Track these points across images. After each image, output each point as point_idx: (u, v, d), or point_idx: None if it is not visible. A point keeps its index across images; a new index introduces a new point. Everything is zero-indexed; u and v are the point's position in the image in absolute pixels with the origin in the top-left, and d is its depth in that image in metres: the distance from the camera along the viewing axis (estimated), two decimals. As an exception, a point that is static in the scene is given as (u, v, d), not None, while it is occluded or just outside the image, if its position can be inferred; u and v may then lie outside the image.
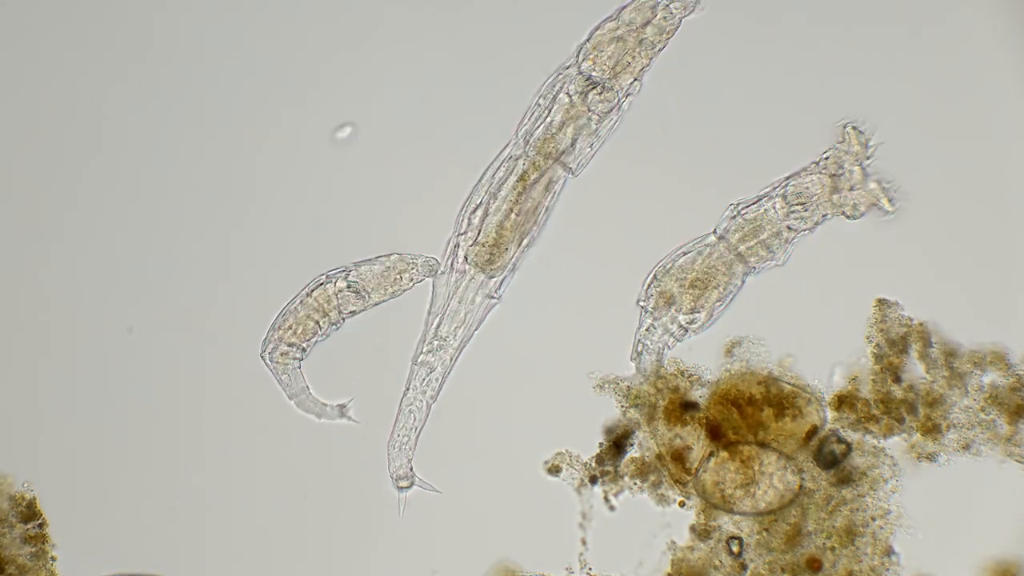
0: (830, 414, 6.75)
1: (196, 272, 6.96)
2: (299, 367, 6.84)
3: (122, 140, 6.98)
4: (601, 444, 6.84)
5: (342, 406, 6.88)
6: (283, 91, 6.94)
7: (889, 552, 6.73)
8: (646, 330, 6.75)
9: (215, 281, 6.96)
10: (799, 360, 6.77)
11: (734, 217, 6.74)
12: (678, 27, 6.69)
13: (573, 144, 6.68)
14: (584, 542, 6.82)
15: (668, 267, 6.76)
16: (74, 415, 6.94)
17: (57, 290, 6.96)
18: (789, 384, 6.74)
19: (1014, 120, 6.73)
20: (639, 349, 6.78)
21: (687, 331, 6.77)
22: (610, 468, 6.83)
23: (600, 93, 6.58)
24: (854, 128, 6.67)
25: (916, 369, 6.76)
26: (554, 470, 6.85)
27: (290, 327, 6.75)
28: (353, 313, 6.81)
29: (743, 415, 6.71)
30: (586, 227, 6.89)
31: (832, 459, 6.73)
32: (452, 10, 6.93)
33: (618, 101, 6.68)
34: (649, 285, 6.77)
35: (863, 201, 6.66)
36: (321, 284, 6.82)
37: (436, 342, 6.76)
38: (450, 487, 6.90)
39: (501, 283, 6.81)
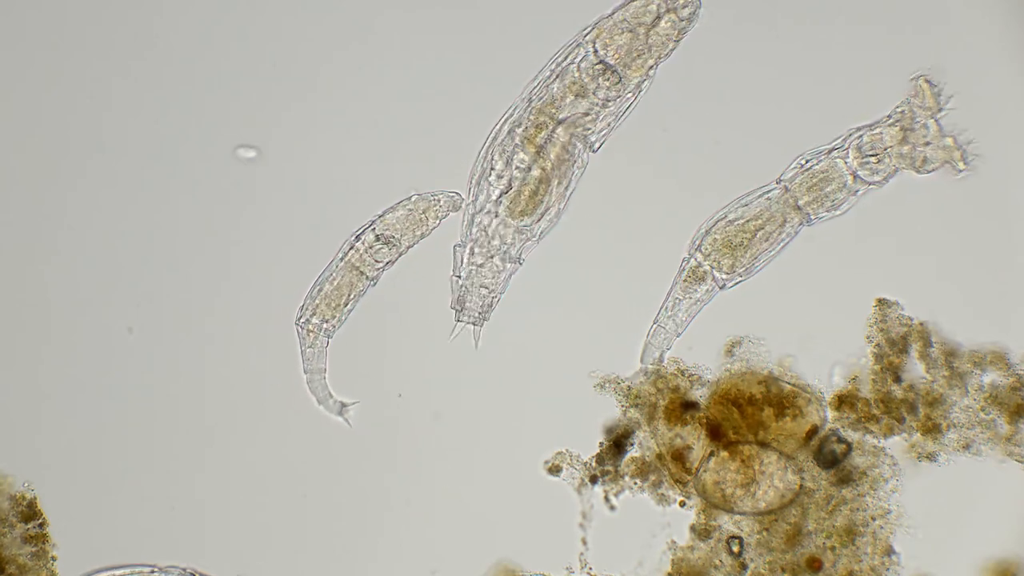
0: (830, 414, 6.76)
1: (196, 272, 6.96)
2: (327, 344, 6.85)
3: (122, 140, 6.98)
4: (601, 444, 6.84)
5: (344, 405, 6.89)
6: (281, 91, 6.95)
7: (889, 552, 6.73)
8: (672, 304, 6.75)
9: (215, 281, 6.96)
10: (799, 360, 6.77)
11: (802, 169, 6.68)
12: (685, 31, 6.68)
13: (572, 116, 6.66)
14: (584, 542, 6.82)
15: (724, 216, 6.72)
16: (74, 415, 6.94)
17: (57, 290, 6.96)
18: (789, 384, 6.74)
19: (1014, 119, 6.72)
20: (649, 335, 6.78)
21: (728, 281, 6.74)
22: (610, 468, 6.83)
23: (609, 79, 6.57)
24: (927, 82, 6.59)
25: (916, 369, 6.76)
26: (554, 470, 6.85)
27: (327, 295, 6.76)
28: (390, 263, 6.83)
29: (743, 415, 6.71)
30: (586, 227, 6.89)
31: (832, 459, 6.73)
32: (453, 7, 6.94)
33: (624, 91, 6.67)
34: (701, 238, 6.74)
35: (936, 157, 6.58)
36: (352, 246, 6.83)
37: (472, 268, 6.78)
38: (450, 487, 6.90)
39: (522, 249, 6.79)
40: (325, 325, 6.83)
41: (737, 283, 6.78)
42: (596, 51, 6.67)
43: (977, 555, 6.72)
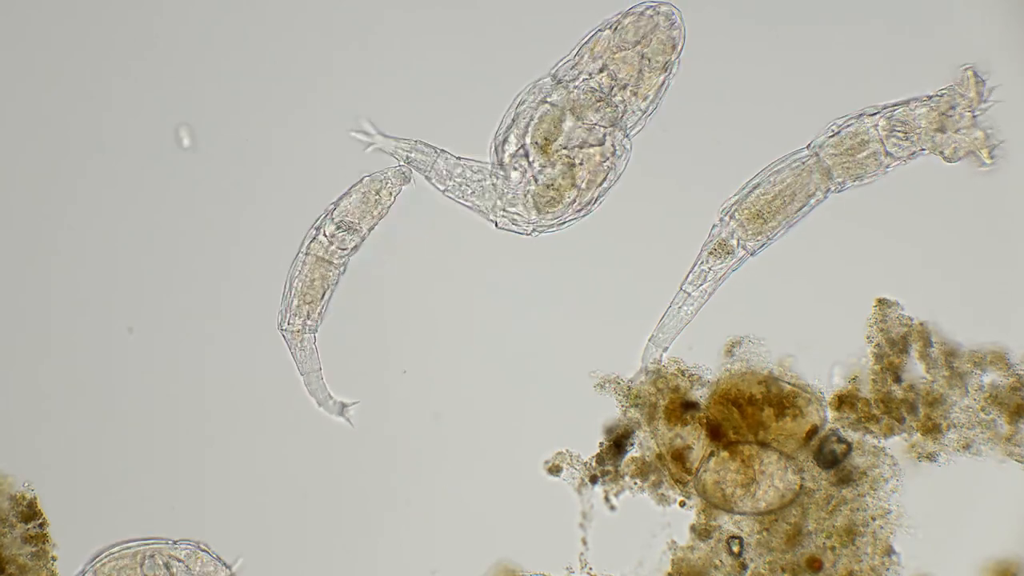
0: (830, 414, 6.76)
1: (196, 272, 6.96)
2: (314, 340, 6.83)
3: (122, 140, 6.98)
4: (601, 444, 6.84)
5: (344, 405, 6.88)
6: (281, 91, 6.95)
7: (889, 552, 6.73)
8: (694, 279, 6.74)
9: (215, 281, 6.96)
10: (799, 360, 6.77)
11: (834, 134, 6.66)
12: (675, 47, 6.68)
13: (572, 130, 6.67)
14: (584, 542, 6.82)
15: (755, 185, 6.68)
16: (74, 415, 6.93)
17: (57, 290, 6.96)
18: (789, 384, 6.75)
19: (1014, 118, 6.72)
20: (673, 305, 6.76)
21: (758, 247, 6.72)
22: (610, 468, 6.83)
23: (606, 107, 6.58)
24: (974, 74, 6.59)
25: (916, 369, 6.76)
26: (554, 470, 6.85)
27: (301, 292, 6.75)
28: (355, 249, 6.81)
29: (743, 415, 6.71)
30: (586, 227, 6.89)
31: (832, 459, 6.73)
32: (453, 7, 6.94)
33: (620, 118, 6.67)
34: (733, 206, 6.72)
35: (964, 147, 6.56)
36: (314, 238, 6.82)
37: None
38: (450, 487, 6.90)
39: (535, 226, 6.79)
40: (308, 322, 6.82)
41: (765, 246, 6.74)
42: (603, 70, 6.66)
43: (977, 555, 6.72)
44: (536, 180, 6.64)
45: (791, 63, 6.81)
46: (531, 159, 6.63)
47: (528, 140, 6.66)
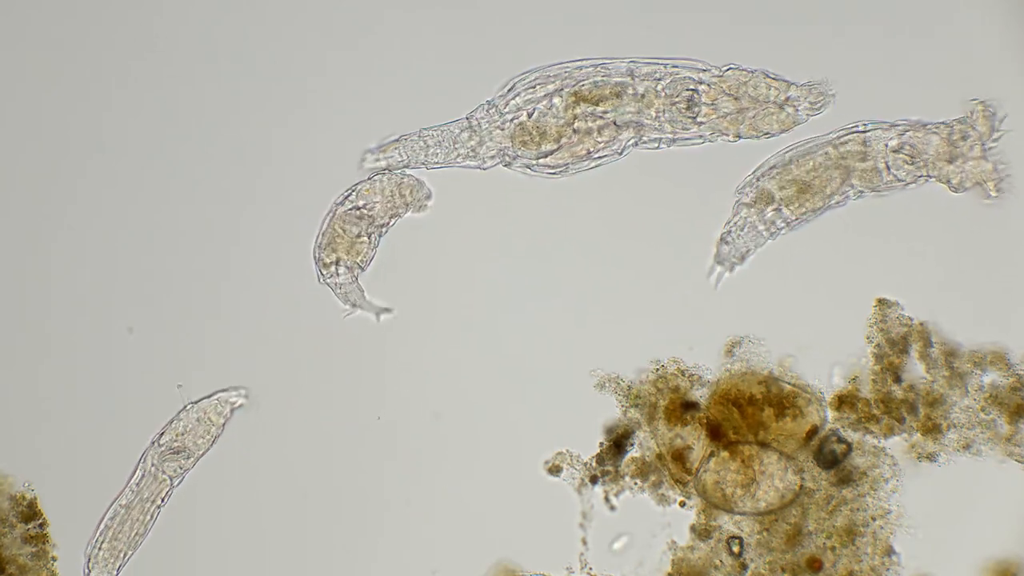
0: (830, 414, 6.76)
1: (196, 271, 6.96)
2: (356, 280, 6.80)
3: (122, 140, 6.98)
4: (601, 444, 6.84)
5: (384, 309, 6.84)
6: (279, 91, 6.95)
7: (889, 552, 6.74)
8: (735, 225, 6.67)
9: (215, 281, 6.96)
10: (799, 360, 6.77)
11: (846, 134, 6.64)
12: (793, 125, 6.69)
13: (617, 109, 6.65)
14: (584, 542, 6.83)
15: (785, 157, 6.66)
16: (74, 415, 6.94)
17: (57, 290, 6.96)
18: (789, 384, 6.75)
19: (1015, 118, 6.72)
20: (725, 239, 6.71)
21: (779, 230, 6.70)
22: (610, 468, 6.83)
23: (686, 108, 6.57)
24: (984, 108, 6.59)
25: (916, 369, 6.76)
26: (554, 470, 6.85)
27: (335, 239, 6.69)
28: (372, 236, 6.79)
29: (743, 415, 6.72)
30: (586, 226, 6.89)
31: (832, 459, 6.73)
32: (455, 7, 6.94)
33: (695, 131, 6.69)
34: (756, 180, 6.70)
35: (971, 177, 6.58)
36: (347, 196, 6.77)
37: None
38: (450, 487, 6.90)
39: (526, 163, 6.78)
40: (349, 272, 6.77)
41: (800, 224, 6.71)
42: (698, 91, 6.65)
43: (977, 555, 6.72)
44: (530, 114, 6.62)
45: (791, 63, 6.81)
46: (553, 101, 6.61)
47: (576, 88, 6.62)
